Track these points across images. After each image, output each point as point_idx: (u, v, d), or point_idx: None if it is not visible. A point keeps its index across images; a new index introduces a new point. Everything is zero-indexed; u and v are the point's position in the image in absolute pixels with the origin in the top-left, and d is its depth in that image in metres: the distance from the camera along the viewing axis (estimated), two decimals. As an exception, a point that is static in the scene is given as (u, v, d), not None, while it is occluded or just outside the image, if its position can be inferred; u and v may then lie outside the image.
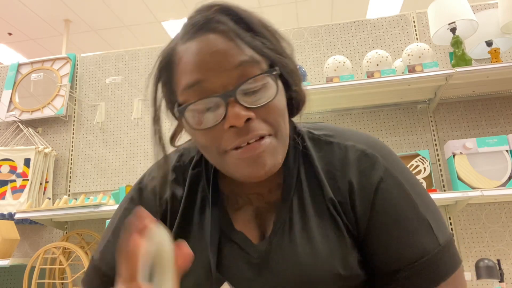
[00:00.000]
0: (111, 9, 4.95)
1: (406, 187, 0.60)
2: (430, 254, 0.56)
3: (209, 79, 0.54)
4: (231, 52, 0.55)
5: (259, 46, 0.57)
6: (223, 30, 0.56)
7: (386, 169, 0.61)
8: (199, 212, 0.66)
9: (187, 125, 0.57)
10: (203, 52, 0.55)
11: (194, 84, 0.55)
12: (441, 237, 0.58)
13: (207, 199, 0.66)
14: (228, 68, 0.54)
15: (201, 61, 0.55)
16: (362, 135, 0.67)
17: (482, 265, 1.69)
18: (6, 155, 2.44)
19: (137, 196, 0.70)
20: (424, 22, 2.33)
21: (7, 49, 5.86)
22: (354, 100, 2.16)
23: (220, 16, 0.57)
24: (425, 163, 2.00)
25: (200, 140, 0.58)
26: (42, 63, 2.70)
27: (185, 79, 0.56)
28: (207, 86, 0.54)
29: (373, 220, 0.59)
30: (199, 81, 0.54)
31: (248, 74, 0.55)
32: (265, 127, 0.56)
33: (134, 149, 2.46)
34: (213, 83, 0.54)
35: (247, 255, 0.61)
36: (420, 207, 0.59)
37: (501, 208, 2.03)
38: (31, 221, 2.30)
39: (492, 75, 1.93)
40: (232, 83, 0.54)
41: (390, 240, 0.58)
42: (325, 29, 2.43)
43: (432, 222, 0.59)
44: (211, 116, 0.55)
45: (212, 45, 0.55)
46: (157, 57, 0.63)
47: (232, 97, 0.53)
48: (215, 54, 0.54)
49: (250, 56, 0.55)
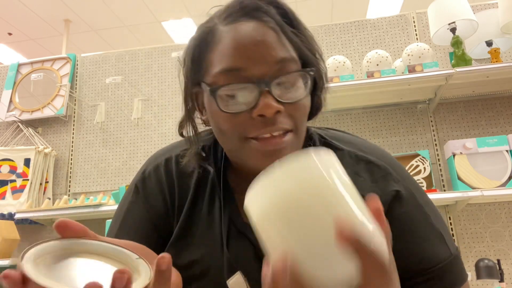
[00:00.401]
0: (111, 9, 4.95)
1: (418, 199, 0.62)
2: (444, 262, 0.58)
3: (249, 68, 0.55)
4: (274, 46, 0.55)
5: (299, 45, 0.58)
6: (270, 22, 0.57)
7: (398, 181, 0.63)
8: (208, 204, 0.66)
9: (215, 106, 0.57)
10: (247, 40, 0.55)
11: (232, 70, 0.55)
12: (451, 248, 0.61)
13: (216, 191, 0.66)
14: (269, 61, 0.55)
15: (244, 48, 0.55)
16: (372, 146, 0.68)
17: (482, 265, 1.69)
18: (6, 155, 2.44)
19: (142, 187, 0.69)
20: (424, 22, 2.33)
21: (7, 49, 5.86)
22: (354, 100, 2.16)
23: (269, 6, 0.58)
24: (425, 163, 2.00)
25: (222, 124, 0.58)
26: (42, 63, 2.70)
27: (224, 62, 0.56)
28: (245, 74, 0.55)
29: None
30: (238, 68, 0.55)
31: (285, 70, 0.56)
32: (289, 123, 0.57)
33: (134, 149, 2.46)
34: (251, 72, 0.55)
35: (255, 247, 0.62)
36: (432, 218, 0.62)
37: (501, 208, 2.03)
38: (31, 221, 2.30)
39: (492, 75, 1.93)
40: (269, 75, 0.55)
41: (405, 247, 0.59)
42: (325, 29, 2.42)
43: (443, 233, 0.61)
44: (242, 102, 0.55)
45: (257, 34, 0.55)
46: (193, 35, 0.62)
47: (266, 88, 0.54)
48: (260, 44, 0.55)
49: (291, 54, 0.57)
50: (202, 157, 0.68)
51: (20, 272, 0.34)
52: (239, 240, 0.63)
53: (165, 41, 5.67)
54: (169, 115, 2.48)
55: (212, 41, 0.58)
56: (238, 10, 0.57)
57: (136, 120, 2.50)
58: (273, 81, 0.55)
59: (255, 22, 0.56)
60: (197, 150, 0.66)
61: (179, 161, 0.69)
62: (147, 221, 0.66)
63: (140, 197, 0.68)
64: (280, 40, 0.56)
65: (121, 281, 0.34)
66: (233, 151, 0.61)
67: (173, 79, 2.54)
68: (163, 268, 0.38)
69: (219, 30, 0.58)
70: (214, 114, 0.59)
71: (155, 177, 0.69)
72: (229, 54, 0.55)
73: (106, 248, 0.42)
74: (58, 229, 0.40)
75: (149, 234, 0.65)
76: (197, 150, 0.66)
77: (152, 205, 0.67)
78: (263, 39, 0.55)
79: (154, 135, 2.46)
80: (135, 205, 0.68)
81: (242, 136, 0.57)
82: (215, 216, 0.65)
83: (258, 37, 0.55)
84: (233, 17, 0.58)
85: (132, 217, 0.67)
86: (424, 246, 0.59)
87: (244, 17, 0.57)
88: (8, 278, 0.33)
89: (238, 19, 0.57)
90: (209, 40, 0.59)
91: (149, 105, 2.52)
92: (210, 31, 0.59)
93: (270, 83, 0.54)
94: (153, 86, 2.55)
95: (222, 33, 0.58)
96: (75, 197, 2.40)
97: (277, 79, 0.55)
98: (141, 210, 0.67)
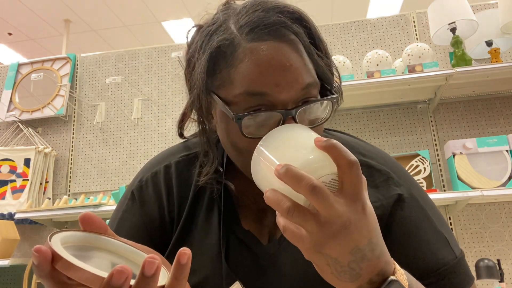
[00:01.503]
0: (111, 9, 4.95)
1: (421, 202, 0.62)
2: (449, 265, 0.58)
3: (274, 93, 0.53)
4: (300, 71, 0.53)
5: (323, 68, 0.57)
6: (296, 43, 0.55)
7: (400, 185, 0.62)
8: (206, 211, 0.65)
9: (234, 127, 0.55)
10: (274, 64, 0.53)
11: (256, 94, 0.53)
12: (456, 250, 0.60)
13: (215, 197, 0.65)
14: (295, 88, 0.53)
15: (271, 74, 0.52)
16: (372, 149, 0.67)
17: (482, 265, 1.69)
18: (6, 155, 2.44)
19: (138, 195, 0.67)
20: (424, 22, 2.33)
21: (7, 49, 5.86)
22: (354, 100, 2.16)
23: (296, 25, 0.55)
24: (425, 163, 2.00)
25: (240, 143, 0.56)
26: (42, 63, 2.70)
27: (247, 85, 0.53)
28: (269, 99, 0.53)
29: (391, 231, 0.60)
30: (263, 93, 0.53)
31: (309, 95, 0.55)
32: None
33: (134, 149, 2.46)
34: (276, 98, 0.53)
35: (255, 255, 0.61)
36: (436, 221, 0.61)
37: (501, 208, 2.03)
38: (31, 221, 2.30)
39: (492, 75, 1.93)
40: (294, 100, 0.53)
41: (408, 251, 0.59)
42: (325, 29, 2.42)
43: (447, 236, 0.61)
44: (263, 125, 0.54)
45: (285, 59, 0.53)
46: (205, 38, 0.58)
47: (291, 115, 0.53)
48: (287, 70, 0.53)
49: (315, 79, 0.55)
50: (220, 173, 0.65)
51: (50, 249, 0.35)
52: (238, 248, 0.62)
53: (165, 41, 5.67)
54: (169, 115, 2.48)
55: (232, 56, 0.55)
56: (262, 27, 0.54)
57: (136, 120, 2.50)
58: (299, 108, 0.53)
59: (281, 43, 0.54)
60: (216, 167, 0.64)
61: (179, 168, 0.67)
62: (142, 230, 0.64)
63: (136, 205, 0.66)
64: (305, 64, 0.54)
65: (152, 265, 0.34)
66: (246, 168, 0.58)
67: (173, 79, 2.54)
68: (183, 262, 0.38)
69: (242, 47, 0.54)
70: (230, 132, 0.57)
71: (152, 185, 0.67)
72: (254, 78, 0.53)
73: (125, 248, 0.43)
74: (83, 222, 0.41)
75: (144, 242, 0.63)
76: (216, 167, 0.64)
77: (147, 213, 0.65)
78: (290, 64, 0.53)
79: (154, 135, 2.46)
80: (130, 214, 0.66)
81: None
82: (213, 223, 0.63)
83: (285, 61, 0.53)
84: (257, 34, 0.54)
85: (126, 226, 0.65)
86: (427, 250, 0.58)
87: (269, 35, 0.54)
88: (39, 252, 0.34)
89: (262, 37, 0.54)
90: (228, 54, 0.55)
91: (149, 105, 2.52)
92: (231, 44, 0.55)
93: (296, 111, 0.53)
94: (153, 86, 2.55)
95: (245, 50, 0.54)
96: (75, 197, 2.40)
97: (302, 106, 0.54)
98: (136, 218, 0.65)
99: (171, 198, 0.66)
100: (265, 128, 0.53)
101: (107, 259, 0.41)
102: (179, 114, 0.69)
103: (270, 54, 0.53)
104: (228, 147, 0.60)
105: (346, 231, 0.40)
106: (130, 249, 0.43)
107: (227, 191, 0.66)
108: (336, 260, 0.41)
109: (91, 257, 0.40)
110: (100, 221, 0.42)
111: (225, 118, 0.56)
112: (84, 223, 0.42)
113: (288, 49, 0.54)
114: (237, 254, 0.61)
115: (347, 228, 0.40)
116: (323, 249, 0.40)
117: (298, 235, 0.41)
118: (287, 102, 0.53)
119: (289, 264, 0.59)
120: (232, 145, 0.58)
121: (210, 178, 0.64)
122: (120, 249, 0.43)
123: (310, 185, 0.39)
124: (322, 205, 0.39)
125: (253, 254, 0.61)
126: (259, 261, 0.61)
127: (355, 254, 0.41)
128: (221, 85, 0.56)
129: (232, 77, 0.54)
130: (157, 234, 0.65)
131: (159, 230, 0.65)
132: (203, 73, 0.57)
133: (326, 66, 0.59)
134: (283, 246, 0.61)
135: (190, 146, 0.70)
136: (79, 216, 0.41)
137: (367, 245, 0.41)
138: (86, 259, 0.38)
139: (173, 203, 0.65)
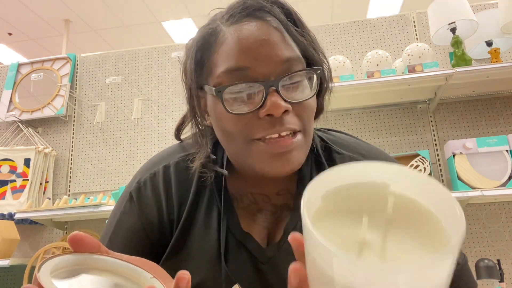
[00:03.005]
0: (111, 9, 4.95)
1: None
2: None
3: (254, 67, 0.53)
4: (280, 46, 0.54)
5: (305, 44, 0.58)
6: (274, 21, 0.56)
7: None
8: (205, 213, 0.64)
9: (220, 107, 0.55)
10: (252, 39, 0.54)
11: (237, 69, 0.54)
12: (459, 257, 0.59)
13: (214, 199, 0.64)
14: (275, 61, 0.54)
15: (249, 48, 0.54)
16: (373, 150, 0.67)
17: (482, 265, 1.69)
18: (6, 155, 2.44)
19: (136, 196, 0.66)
20: (424, 22, 2.33)
21: (7, 49, 5.86)
22: (354, 100, 2.16)
23: (272, 6, 0.57)
24: (425, 163, 2.00)
25: (228, 125, 0.56)
26: (42, 63, 2.70)
27: (228, 62, 0.54)
28: (250, 74, 0.54)
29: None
30: (244, 67, 0.54)
31: (292, 69, 0.55)
32: (297, 123, 0.56)
33: (134, 149, 2.46)
34: (256, 72, 0.54)
35: (254, 258, 0.61)
36: None
37: (501, 208, 2.03)
38: (31, 221, 2.30)
39: (492, 75, 1.93)
40: (275, 74, 0.54)
41: None
42: (325, 29, 2.42)
43: None
44: (248, 102, 0.54)
45: (262, 34, 0.54)
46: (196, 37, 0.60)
47: (273, 87, 0.53)
48: (265, 44, 0.54)
49: (296, 53, 0.56)
50: (212, 160, 0.65)
51: (39, 285, 0.34)
52: (237, 251, 0.61)
53: (165, 41, 5.67)
54: (169, 115, 2.48)
55: (215, 42, 0.57)
56: (241, 11, 0.56)
57: (136, 120, 2.50)
58: (280, 80, 0.54)
59: (259, 21, 0.55)
60: (207, 153, 0.64)
61: (178, 169, 0.66)
62: (140, 232, 0.64)
63: (134, 207, 0.65)
64: (285, 40, 0.55)
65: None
66: (239, 155, 0.59)
67: (173, 79, 2.54)
68: (182, 286, 0.37)
69: (222, 31, 0.57)
70: (219, 116, 0.57)
71: (151, 186, 0.66)
72: (233, 54, 0.54)
73: (120, 266, 0.42)
74: (72, 243, 0.40)
75: (142, 245, 0.63)
76: (207, 153, 0.64)
77: (146, 215, 0.64)
78: (268, 38, 0.54)
79: (154, 135, 2.46)
80: (128, 216, 0.65)
81: (248, 138, 0.55)
82: (212, 225, 0.63)
83: (263, 36, 0.54)
84: (236, 17, 0.56)
85: (124, 228, 0.64)
86: None
87: (247, 17, 0.56)
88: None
89: (241, 20, 0.56)
90: (211, 41, 0.57)
91: (149, 105, 2.52)
92: (213, 32, 0.58)
93: (278, 82, 0.53)
94: (153, 86, 2.55)
95: (225, 34, 0.56)
96: (75, 197, 2.40)
97: (284, 78, 0.54)
98: (134, 220, 0.64)
99: (170, 199, 0.65)
100: (249, 104, 0.54)
101: (105, 281, 0.40)
102: (179, 114, 0.69)
103: (249, 31, 0.54)
104: (221, 136, 0.60)
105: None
106: (125, 265, 0.42)
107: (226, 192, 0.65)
108: None
109: (87, 280, 0.39)
110: (91, 240, 0.40)
111: (213, 104, 0.57)
112: (74, 245, 0.40)
113: (266, 26, 0.55)
114: (236, 257, 0.61)
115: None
116: None
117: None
118: (269, 75, 0.54)
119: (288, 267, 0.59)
120: (223, 133, 0.58)
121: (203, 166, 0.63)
122: (115, 266, 0.42)
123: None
124: None
125: (252, 256, 0.61)
126: (258, 264, 0.60)
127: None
128: (209, 73, 0.57)
129: (216, 60, 0.56)
130: (156, 235, 0.64)
131: (158, 232, 0.64)
132: (192, 66, 0.59)
133: (308, 43, 0.59)
134: (283, 249, 0.60)
135: (186, 147, 0.70)
136: (68, 238, 0.39)
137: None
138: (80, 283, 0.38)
139: (172, 204, 0.65)
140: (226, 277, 0.58)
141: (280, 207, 0.63)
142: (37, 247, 2.35)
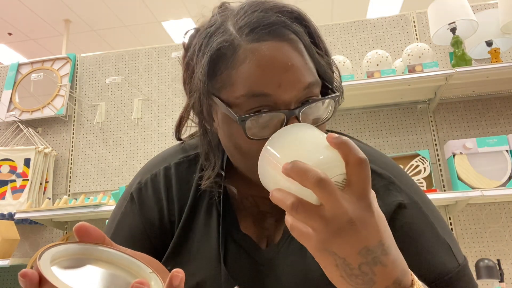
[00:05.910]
0: (111, 9, 4.95)
1: (423, 209, 0.61)
2: (452, 273, 0.57)
3: (277, 95, 0.52)
4: (303, 72, 0.53)
5: (324, 67, 0.57)
6: (297, 42, 0.54)
7: (402, 190, 0.61)
8: (205, 214, 0.64)
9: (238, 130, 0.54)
10: (276, 65, 0.52)
11: (259, 95, 0.52)
12: (459, 258, 0.59)
13: (214, 200, 0.64)
14: (298, 88, 0.53)
15: (273, 75, 0.52)
16: (374, 153, 0.66)
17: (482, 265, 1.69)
18: (6, 155, 2.44)
19: (137, 197, 0.67)
20: (424, 22, 2.33)
21: (7, 49, 5.86)
22: (354, 100, 2.16)
23: (296, 25, 0.55)
24: (425, 163, 2.00)
25: (244, 145, 0.55)
26: (42, 63, 2.70)
27: (249, 86, 0.52)
28: (272, 100, 0.52)
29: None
30: (266, 94, 0.52)
31: (312, 94, 0.54)
32: None
33: (134, 149, 2.46)
34: (279, 99, 0.52)
35: (253, 259, 0.60)
36: (438, 228, 0.60)
37: (501, 208, 2.03)
38: (31, 221, 2.30)
39: (492, 75, 1.93)
40: (296, 100, 0.53)
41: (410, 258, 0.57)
42: (325, 29, 2.42)
43: (450, 243, 0.60)
44: (267, 127, 0.53)
45: (286, 58, 0.52)
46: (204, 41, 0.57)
47: (294, 115, 0.52)
48: (289, 70, 0.52)
49: (316, 78, 0.55)
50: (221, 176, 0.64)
51: (37, 271, 0.34)
52: (236, 252, 0.61)
53: (165, 41, 5.67)
54: (169, 115, 2.48)
55: (233, 57, 0.54)
56: (262, 28, 0.53)
57: (136, 120, 2.50)
58: (302, 108, 0.53)
59: (281, 42, 0.53)
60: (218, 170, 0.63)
61: (179, 170, 0.66)
62: (141, 233, 0.64)
63: (135, 207, 0.65)
64: (306, 64, 0.54)
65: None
66: (249, 171, 0.58)
67: (173, 79, 2.54)
68: (175, 284, 0.38)
69: (242, 48, 0.54)
70: (233, 134, 0.56)
71: (152, 187, 0.66)
72: (255, 79, 0.52)
73: (122, 258, 0.43)
74: (78, 233, 0.41)
75: (143, 245, 0.63)
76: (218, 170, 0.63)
77: (147, 216, 0.64)
78: (291, 64, 0.52)
79: (154, 135, 2.46)
80: (129, 216, 0.65)
81: None
82: (212, 227, 0.63)
83: (287, 61, 0.52)
84: (258, 34, 0.53)
85: (125, 228, 0.64)
86: (430, 257, 0.57)
87: (269, 35, 0.53)
88: (26, 277, 0.34)
89: (263, 38, 0.53)
90: (229, 55, 0.54)
91: (149, 105, 2.52)
92: (231, 45, 0.54)
93: (299, 110, 0.52)
94: (153, 86, 2.55)
95: (246, 51, 0.53)
96: (75, 197, 2.40)
97: (305, 106, 0.53)
98: (135, 221, 0.64)
99: (171, 200, 0.65)
100: (269, 129, 0.53)
101: (106, 272, 0.41)
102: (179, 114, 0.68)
103: (272, 54, 0.52)
104: (231, 150, 0.59)
105: (352, 228, 0.39)
106: (128, 259, 0.43)
107: (226, 194, 0.65)
108: (344, 261, 0.40)
109: (88, 270, 0.39)
110: (96, 231, 0.41)
111: (227, 120, 0.56)
112: (79, 234, 0.41)
113: (289, 49, 0.53)
114: (235, 258, 0.61)
115: (353, 224, 0.39)
116: (329, 246, 0.40)
117: (305, 233, 0.41)
118: (290, 102, 0.53)
119: (288, 269, 0.58)
120: (235, 148, 0.57)
121: (211, 182, 0.63)
122: (118, 259, 0.42)
123: (316, 177, 0.38)
124: (328, 199, 0.39)
125: (251, 258, 0.61)
126: (257, 265, 0.60)
127: (365, 255, 0.39)
128: (222, 87, 0.55)
129: (234, 78, 0.54)
130: (156, 236, 0.64)
131: (158, 233, 0.64)
132: (203, 75, 0.56)
133: (327, 65, 0.59)
134: (282, 251, 0.60)
135: (187, 148, 0.70)
136: (74, 227, 0.40)
137: (378, 247, 0.40)
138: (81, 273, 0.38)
139: (172, 205, 0.65)
140: (226, 279, 0.58)
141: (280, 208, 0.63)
142: (37, 247, 2.35)
